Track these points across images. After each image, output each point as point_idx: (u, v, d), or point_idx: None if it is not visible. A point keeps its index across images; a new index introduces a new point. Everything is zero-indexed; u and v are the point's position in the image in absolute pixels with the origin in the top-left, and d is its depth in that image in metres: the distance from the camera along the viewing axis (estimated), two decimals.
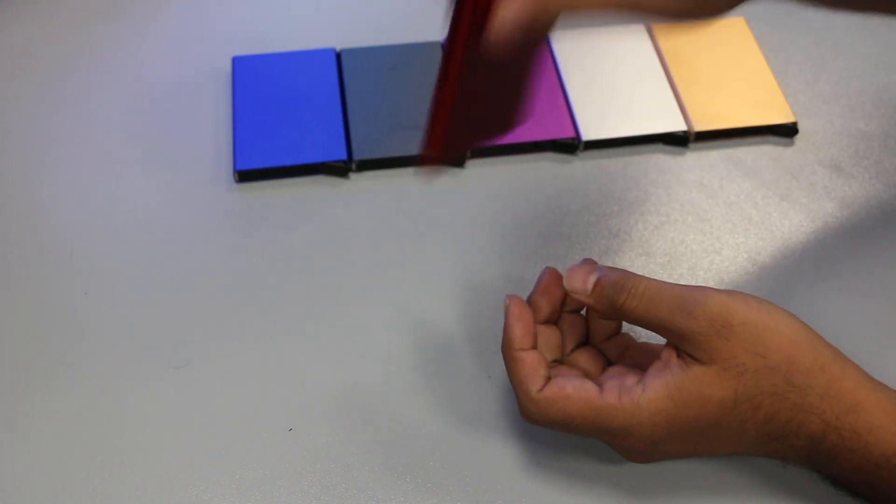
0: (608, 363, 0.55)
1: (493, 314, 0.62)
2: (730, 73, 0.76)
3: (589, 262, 0.54)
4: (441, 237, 0.67)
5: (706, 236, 0.67)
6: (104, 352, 0.61)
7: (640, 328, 0.55)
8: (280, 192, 0.70)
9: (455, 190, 0.70)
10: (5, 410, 0.59)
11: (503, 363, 0.60)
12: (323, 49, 0.78)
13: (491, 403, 0.59)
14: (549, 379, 0.51)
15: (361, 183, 0.71)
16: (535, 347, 0.53)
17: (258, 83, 0.75)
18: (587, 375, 0.54)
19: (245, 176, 0.70)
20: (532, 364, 0.52)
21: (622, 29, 0.80)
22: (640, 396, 0.49)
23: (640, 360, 0.54)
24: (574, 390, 0.50)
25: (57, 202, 0.69)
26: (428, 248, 0.66)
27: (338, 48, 0.78)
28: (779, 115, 0.73)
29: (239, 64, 0.77)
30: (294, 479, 0.56)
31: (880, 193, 0.70)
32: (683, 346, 0.49)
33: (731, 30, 0.80)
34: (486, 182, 0.70)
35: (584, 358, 0.55)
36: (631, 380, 0.50)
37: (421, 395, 0.59)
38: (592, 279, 0.52)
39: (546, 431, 0.56)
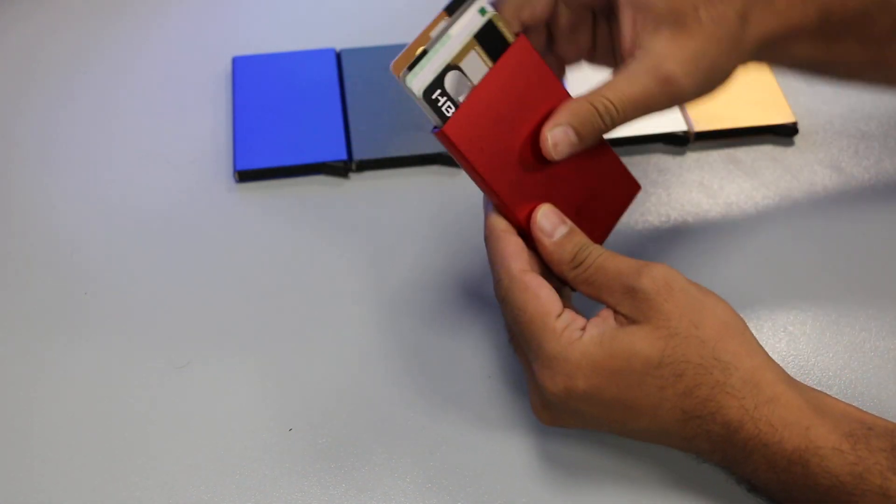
0: None
1: (494, 314, 0.62)
2: None
3: (561, 215, 0.54)
4: (441, 237, 0.67)
5: (706, 236, 0.67)
6: (104, 352, 0.61)
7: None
8: (280, 192, 0.70)
9: (456, 190, 0.70)
10: (5, 410, 0.59)
11: (503, 361, 0.60)
12: (323, 49, 0.78)
13: (491, 403, 0.59)
14: (531, 267, 0.53)
15: (361, 183, 0.71)
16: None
17: (258, 83, 0.75)
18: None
19: (245, 176, 0.70)
20: (517, 245, 0.53)
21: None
22: (577, 338, 0.50)
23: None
24: (545, 296, 0.52)
25: (57, 202, 0.69)
26: (428, 249, 0.66)
27: (338, 48, 0.78)
28: (779, 115, 0.73)
29: (239, 64, 0.77)
30: (294, 479, 0.56)
31: (880, 193, 0.70)
32: (623, 305, 0.51)
33: None
34: None
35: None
36: (581, 322, 0.51)
37: (421, 395, 0.59)
38: (563, 229, 0.53)
39: (547, 432, 0.56)
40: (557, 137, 0.53)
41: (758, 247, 0.66)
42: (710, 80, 0.55)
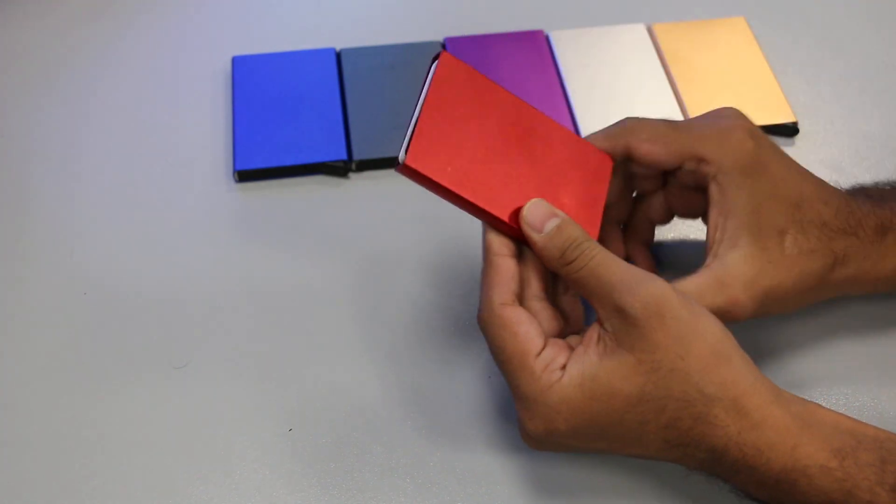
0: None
1: None
2: (730, 72, 0.76)
3: (551, 208, 0.53)
4: (441, 237, 0.67)
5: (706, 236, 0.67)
6: (104, 352, 0.61)
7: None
8: (280, 192, 0.70)
9: None
10: (5, 410, 0.59)
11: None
12: (323, 49, 0.78)
13: (490, 404, 0.59)
14: (516, 298, 0.51)
15: (361, 183, 0.71)
16: (515, 258, 0.52)
17: (258, 83, 0.75)
18: (564, 319, 0.54)
19: (245, 176, 0.70)
20: (506, 272, 0.52)
21: (622, 29, 0.80)
22: (556, 381, 0.49)
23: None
24: (523, 334, 0.50)
25: (57, 202, 0.69)
26: (428, 248, 0.66)
27: (338, 48, 0.78)
28: (779, 115, 0.73)
29: (239, 64, 0.77)
30: (294, 479, 0.56)
31: None
32: (611, 322, 0.49)
33: (731, 30, 0.80)
34: None
35: (568, 301, 0.55)
36: (562, 359, 0.50)
37: (421, 396, 0.59)
38: (554, 222, 0.52)
39: None
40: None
41: None
42: (773, 306, 0.55)
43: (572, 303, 0.55)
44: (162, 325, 0.62)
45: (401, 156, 0.51)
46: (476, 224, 0.55)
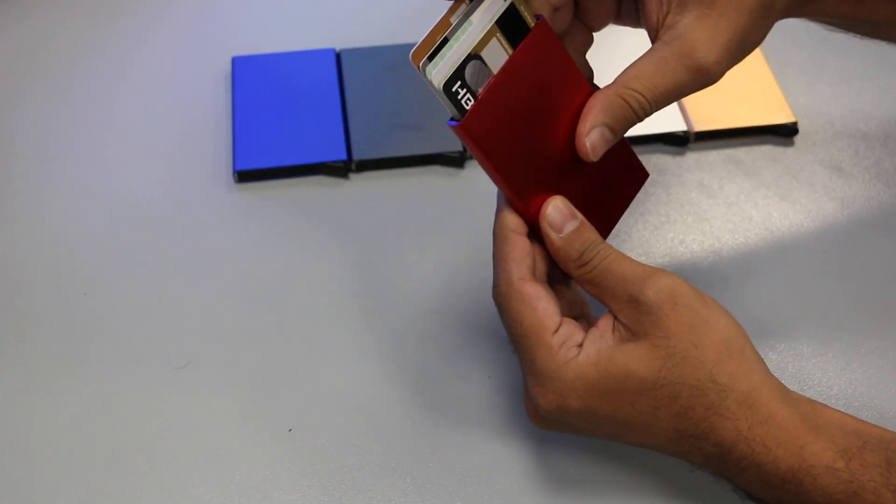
0: None
1: (493, 314, 0.62)
2: (730, 73, 0.76)
3: (572, 209, 0.52)
4: (441, 237, 0.67)
5: (706, 236, 0.67)
6: (104, 352, 0.61)
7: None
8: (280, 192, 0.70)
9: (456, 189, 0.70)
10: (5, 410, 0.59)
11: (502, 362, 0.60)
12: (323, 49, 0.78)
13: (491, 403, 0.59)
14: (532, 275, 0.51)
15: (361, 183, 0.71)
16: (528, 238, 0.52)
17: (258, 83, 0.75)
18: (574, 303, 0.54)
19: (245, 176, 0.70)
20: (523, 249, 0.51)
21: (622, 29, 0.80)
22: (573, 357, 0.49)
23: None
24: (542, 309, 0.50)
25: (56, 202, 0.69)
26: (428, 249, 0.66)
27: (338, 48, 0.78)
28: (779, 115, 0.73)
29: (239, 64, 0.77)
30: (294, 479, 0.56)
31: (880, 193, 0.69)
32: (625, 313, 0.50)
33: None
34: (485, 183, 0.70)
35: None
36: (579, 338, 0.50)
37: (421, 396, 0.59)
38: (572, 224, 0.52)
39: (546, 434, 0.56)
40: (595, 141, 0.51)
41: (757, 247, 0.66)
42: (741, 54, 0.54)
43: (572, 288, 0.55)
44: (162, 325, 0.62)
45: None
46: (476, 225, 0.55)
